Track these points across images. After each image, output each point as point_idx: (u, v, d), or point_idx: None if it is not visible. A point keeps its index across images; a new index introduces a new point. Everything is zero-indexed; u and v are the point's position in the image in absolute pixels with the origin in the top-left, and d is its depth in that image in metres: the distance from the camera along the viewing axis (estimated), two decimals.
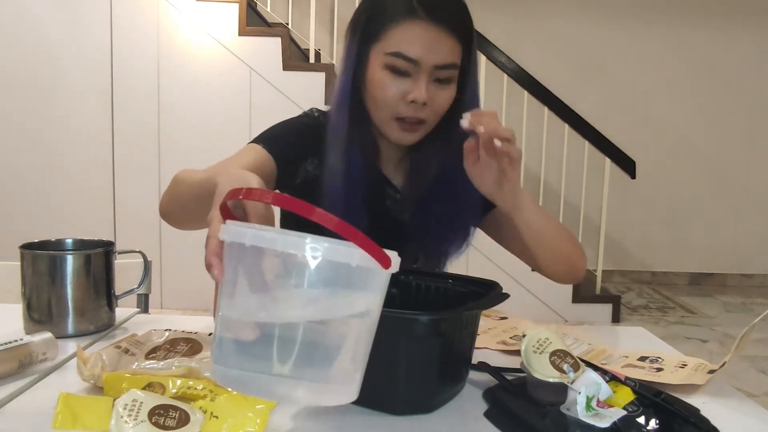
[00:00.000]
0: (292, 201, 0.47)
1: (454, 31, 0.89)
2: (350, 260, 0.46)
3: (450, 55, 0.90)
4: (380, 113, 0.94)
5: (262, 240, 0.46)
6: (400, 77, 0.90)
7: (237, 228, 0.48)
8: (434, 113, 0.93)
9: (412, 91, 0.90)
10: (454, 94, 0.94)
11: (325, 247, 0.45)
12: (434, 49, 0.88)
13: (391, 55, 0.89)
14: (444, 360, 0.66)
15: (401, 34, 0.89)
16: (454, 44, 0.90)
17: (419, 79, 0.89)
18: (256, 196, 0.50)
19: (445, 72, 0.90)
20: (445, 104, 0.93)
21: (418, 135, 0.95)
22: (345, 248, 0.46)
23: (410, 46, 0.88)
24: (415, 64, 0.89)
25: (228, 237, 0.49)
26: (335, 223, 0.45)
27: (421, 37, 0.88)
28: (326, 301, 0.48)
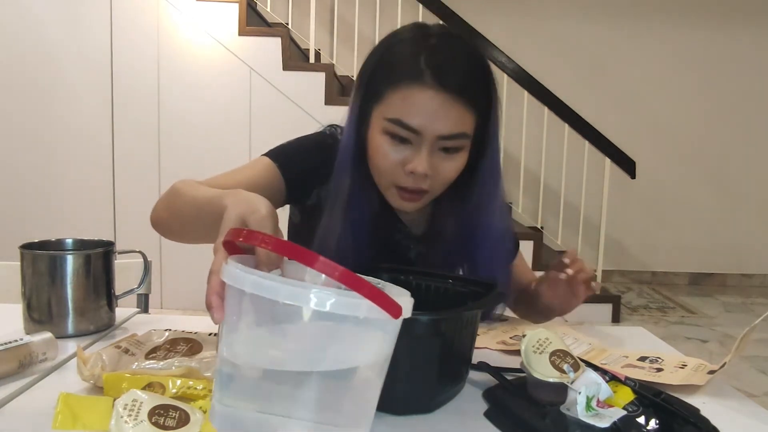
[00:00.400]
0: (293, 249, 0.44)
1: (466, 98, 0.81)
2: (357, 313, 0.43)
3: (458, 125, 0.82)
4: (380, 179, 0.89)
5: (262, 289, 0.43)
6: (400, 144, 0.83)
7: (237, 272, 0.45)
8: (439, 183, 0.87)
9: (411, 161, 0.83)
10: (462, 164, 0.86)
11: (331, 301, 0.42)
12: (439, 119, 0.81)
13: (390, 122, 0.82)
14: (444, 360, 0.66)
15: (403, 99, 0.81)
16: (465, 113, 0.82)
17: (420, 149, 0.82)
18: (257, 240, 0.47)
19: (453, 142, 0.83)
20: (451, 175, 0.86)
21: (419, 204, 0.89)
22: (351, 300, 0.43)
23: (412, 114, 0.81)
24: (416, 133, 0.82)
25: (228, 280, 0.46)
26: (339, 274, 0.43)
27: (425, 105, 0.80)
28: (333, 352, 0.46)
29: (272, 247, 0.46)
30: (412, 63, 0.81)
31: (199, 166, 3.30)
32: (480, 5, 4.30)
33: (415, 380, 0.65)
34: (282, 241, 0.46)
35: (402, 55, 0.83)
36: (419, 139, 0.82)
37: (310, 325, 0.45)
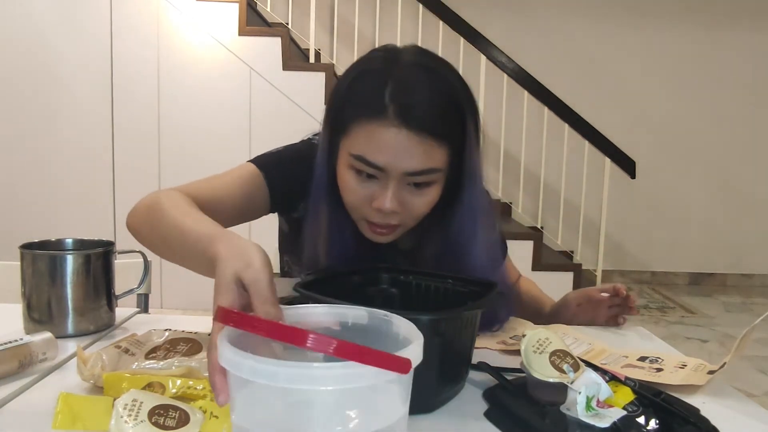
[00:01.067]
0: (284, 332, 0.42)
1: (433, 132, 0.77)
2: (362, 382, 0.41)
3: (426, 161, 0.78)
4: (351, 212, 0.86)
5: (260, 374, 0.41)
6: (366, 180, 0.80)
7: (233, 357, 0.42)
8: (410, 218, 0.84)
9: (378, 197, 0.80)
10: (435, 197, 0.83)
11: (333, 376, 0.41)
12: (405, 156, 0.77)
13: (355, 158, 0.79)
14: (444, 360, 0.66)
15: (367, 136, 0.77)
16: (434, 148, 0.77)
17: (387, 186, 0.79)
18: (249, 327, 0.44)
19: (422, 177, 0.79)
20: (422, 209, 0.83)
21: (392, 237, 0.86)
22: (354, 371, 0.41)
23: (376, 152, 0.77)
24: (381, 170, 0.78)
25: (224, 364, 0.44)
26: (334, 348, 0.40)
27: (389, 142, 0.76)
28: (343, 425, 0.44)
29: (265, 333, 0.43)
30: (377, 97, 0.77)
31: (198, 166, 3.29)
32: (480, 5, 4.30)
33: (415, 380, 0.65)
34: (273, 325, 0.43)
35: (367, 88, 0.80)
36: (385, 175, 0.79)
37: (315, 406, 0.44)
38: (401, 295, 0.83)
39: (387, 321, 0.52)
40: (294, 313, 0.54)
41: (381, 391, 0.45)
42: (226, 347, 0.43)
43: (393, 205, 0.79)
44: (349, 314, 0.54)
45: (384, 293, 0.84)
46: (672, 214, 4.72)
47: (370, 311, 0.53)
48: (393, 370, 0.41)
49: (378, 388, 0.44)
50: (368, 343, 0.41)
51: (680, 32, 4.55)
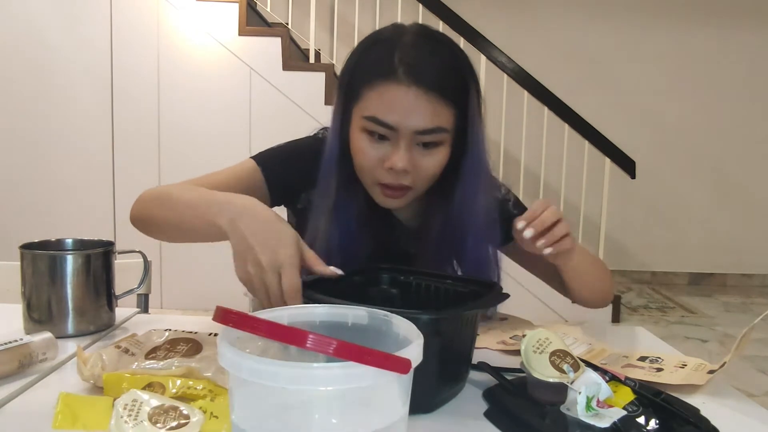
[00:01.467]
0: (282, 332, 0.42)
1: (441, 92, 0.82)
2: (363, 383, 0.41)
3: (434, 120, 0.82)
4: (363, 177, 0.90)
5: (260, 375, 0.41)
6: (378, 141, 0.84)
7: (233, 357, 0.42)
8: (421, 179, 0.87)
9: (390, 157, 0.84)
10: (444, 159, 0.87)
11: (333, 376, 0.41)
12: (414, 114, 0.82)
13: (367, 119, 0.83)
14: (444, 360, 0.66)
15: (378, 96, 0.82)
16: (441, 107, 0.82)
17: (398, 145, 0.83)
18: (247, 327, 0.44)
19: (430, 137, 0.83)
20: (432, 170, 0.87)
21: (403, 200, 0.89)
22: (354, 371, 0.41)
23: (386, 111, 0.82)
24: (392, 129, 0.83)
25: (224, 365, 0.44)
26: (334, 349, 0.40)
27: (400, 101, 0.81)
28: (343, 425, 0.45)
29: (265, 334, 0.43)
30: (387, 61, 0.82)
31: (199, 166, 3.28)
32: (480, 5, 4.30)
33: (416, 380, 0.64)
34: (272, 325, 0.43)
35: (377, 54, 0.85)
36: (396, 135, 0.83)
37: (316, 406, 0.44)
38: (401, 295, 0.83)
39: (387, 321, 0.52)
40: (294, 313, 0.54)
41: (381, 391, 0.45)
42: (227, 348, 0.43)
43: (404, 164, 0.83)
44: (349, 314, 0.54)
45: (384, 293, 0.84)
46: (672, 214, 4.72)
47: (370, 311, 0.53)
48: (393, 370, 0.41)
49: (378, 388, 0.44)
50: (368, 343, 0.41)
51: (680, 32, 4.55)
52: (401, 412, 0.46)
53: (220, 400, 0.61)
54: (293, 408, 0.45)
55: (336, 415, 0.45)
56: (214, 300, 0.53)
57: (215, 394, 0.62)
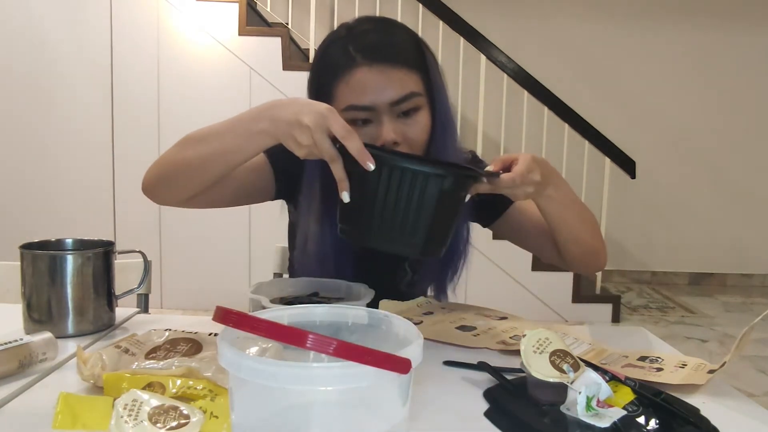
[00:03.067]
0: (282, 332, 0.42)
1: (400, 62, 0.88)
2: (361, 382, 0.41)
3: (404, 87, 0.88)
4: None
5: (260, 375, 0.41)
6: (364, 126, 0.89)
7: (234, 358, 0.43)
8: (413, 148, 0.91)
9: (379, 135, 0.88)
10: (427, 122, 0.91)
11: (333, 376, 0.41)
12: (383, 89, 0.87)
13: (345, 111, 0.88)
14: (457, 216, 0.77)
15: (347, 87, 0.88)
16: (405, 74, 0.88)
17: (382, 122, 0.88)
18: (247, 326, 0.44)
19: (406, 104, 0.88)
20: (420, 134, 0.91)
21: None
22: (354, 371, 0.41)
23: (358, 96, 0.87)
24: (371, 110, 0.87)
25: (224, 365, 0.44)
26: (334, 348, 0.41)
27: (366, 81, 0.87)
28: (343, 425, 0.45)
29: (265, 333, 0.43)
30: (344, 55, 0.89)
31: None
32: (480, 5, 4.30)
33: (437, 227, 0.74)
34: (271, 325, 0.43)
35: (335, 53, 0.91)
36: (376, 114, 0.88)
37: (315, 407, 0.44)
38: None
39: (387, 321, 0.52)
40: (294, 313, 0.54)
41: (381, 391, 0.45)
42: (226, 347, 0.43)
43: (392, 135, 0.87)
44: (349, 314, 0.54)
45: None
46: (672, 214, 4.72)
47: (370, 311, 0.53)
48: (393, 370, 0.41)
49: (378, 388, 0.44)
50: (368, 343, 0.41)
51: (680, 32, 4.55)
52: (401, 413, 0.46)
53: (220, 400, 0.61)
54: (293, 408, 0.45)
55: (336, 415, 0.45)
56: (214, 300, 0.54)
57: (215, 394, 0.62)
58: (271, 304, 0.81)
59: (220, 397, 0.61)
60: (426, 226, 0.73)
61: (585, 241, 0.99)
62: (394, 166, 0.70)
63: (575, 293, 3.57)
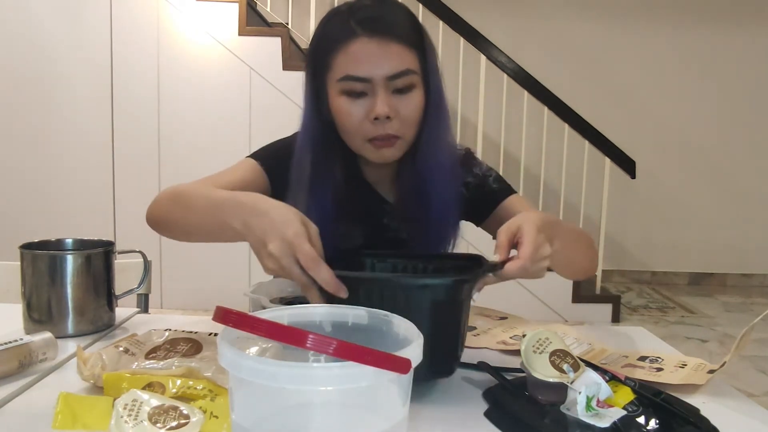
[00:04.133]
0: (283, 332, 0.42)
1: (400, 38, 0.89)
2: (361, 382, 0.41)
3: (401, 63, 0.88)
4: (352, 139, 0.93)
5: (260, 375, 0.41)
6: (358, 99, 0.89)
7: (234, 358, 0.42)
8: (405, 125, 0.91)
9: (372, 108, 0.88)
10: (420, 101, 0.92)
11: (333, 376, 0.41)
12: (381, 62, 0.87)
13: (342, 81, 0.89)
14: (461, 323, 0.70)
15: (346, 57, 0.88)
16: (403, 51, 0.89)
17: (376, 95, 0.88)
18: (247, 326, 0.44)
19: (402, 80, 0.89)
20: (412, 113, 0.91)
21: (396, 150, 0.93)
22: (354, 371, 0.41)
23: (356, 66, 0.88)
24: (366, 81, 0.88)
25: (224, 365, 0.44)
26: (334, 349, 0.40)
27: (365, 53, 0.88)
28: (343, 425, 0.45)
29: (265, 334, 0.43)
30: (345, 26, 0.89)
31: (199, 166, 3.29)
32: (480, 5, 4.30)
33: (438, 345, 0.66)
34: (273, 325, 0.43)
35: (335, 25, 0.91)
36: (371, 86, 0.88)
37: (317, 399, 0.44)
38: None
39: (387, 321, 0.52)
40: (294, 313, 0.54)
41: (381, 392, 0.45)
42: (226, 347, 0.43)
43: (386, 109, 0.88)
44: (349, 314, 0.54)
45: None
46: (672, 214, 4.72)
47: (370, 311, 0.53)
48: (393, 370, 0.41)
49: (378, 388, 0.44)
50: (368, 343, 0.41)
51: (680, 32, 4.55)
52: (402, 413, 0.46)
53: (220, 400, 0.61)
54: (293, 408, 0.45)
55: (336, 415, 0.45)
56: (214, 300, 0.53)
57: (215, 394, 0.62)
58: (271, 304, 0.81)
59: (220, 397, 0.61)
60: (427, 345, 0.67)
61: (582, 265, 1.00)
62: (373, 287, 0.66)
63: (575, 293, 3.57)
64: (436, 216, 0.99)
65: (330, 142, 0.96)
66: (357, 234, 1.02)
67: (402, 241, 1.04)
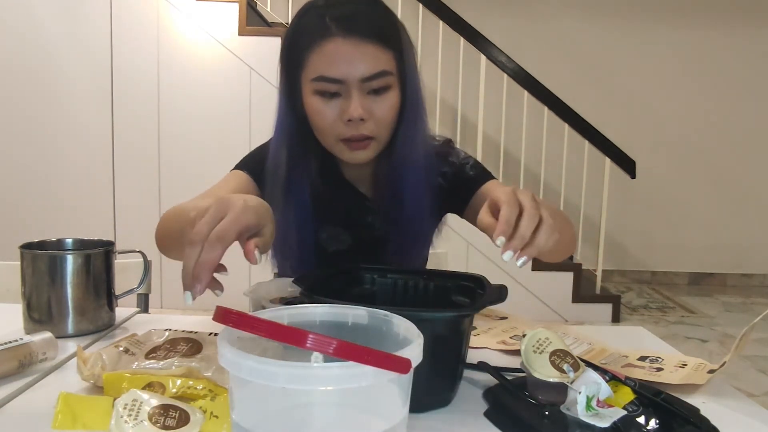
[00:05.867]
0: (282, 332, 0.42)
1: (376, 38, 0.86)
2: (361, 382, 0.41)
3: (376, 65, 0.86)
4: (325, 139, 0.92)
5: (260, 375, 0.41)
6: (331, 99, 0.88)
7: (233, 358, 0.42)
8: (379, 126, 0.90)
9: (346, 109, 0.87)
10: (395, 102, 0.90)
11: (333, 376, 0.41)
12: (356, 63, 0.85)
13: (315, 81, 0.87)
14: (461, 354, 0.68)
15: (319, 56, 0.86)
16: (380, 52, 0.86)
17: (350, 96, 0.86)
18: (247, 326, 0.44)
19: (377, 82, 0.87)
20: (387, 114, 0.90)
21: (370, 151, 0.92)
22: (354, 371, 0.41)
23: (330, 67, 0.86)
24: (340, 83, 0.86)
25: (225, 365, 0.44)
26: (334, 348, 0.40)
27: (339, 53, 0.85)
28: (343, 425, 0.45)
29: (265, 333, 0.43)
30: (320, 23, 0.87)
31: (199, 167, 3.30)
32: (480, 5, 4.30)
33: (436, 376, 0.66)
34: (272, 325, 0.43)
35: (310, 20, 0.89)
36: (346, 87, 0.86)
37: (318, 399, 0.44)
38: (384, 293, 0.83)
39: (387, 321, 0.52)
40: (294, 313, 0.54)
41: (381, 392, 0.45)
42: (226, 348, 0.43)
43: (360, 111, 0.86)
44: (349, 314, 0.54)
45: (367, 292, 0.84)
46: (672, 214, 4.72)
47: (370, 311, 0.53)
48: (393, 370, 0.41)
49: (378, 389, 0.44)
50: (368, 343, 0.41)
51: (680, 32, 4.55)
52: (402, 413, 0.46)
53: (220, 400, 0.61)
54: (294, 408, 0.45)
55: (336, 415, 0.45)
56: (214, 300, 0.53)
57: (215, 394, 0.62)
58: (271, 304, 0.81)
59: (220, 397, 0.61)
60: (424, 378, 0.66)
61: (565, 242, 0.91)
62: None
63: (575, 293, 3.57)
64: (411, 213, 0.98)
65: (305, 139, 0.95)
66: (343, 235, 1.01)
67: (383, 239, 1.03)
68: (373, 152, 0.93)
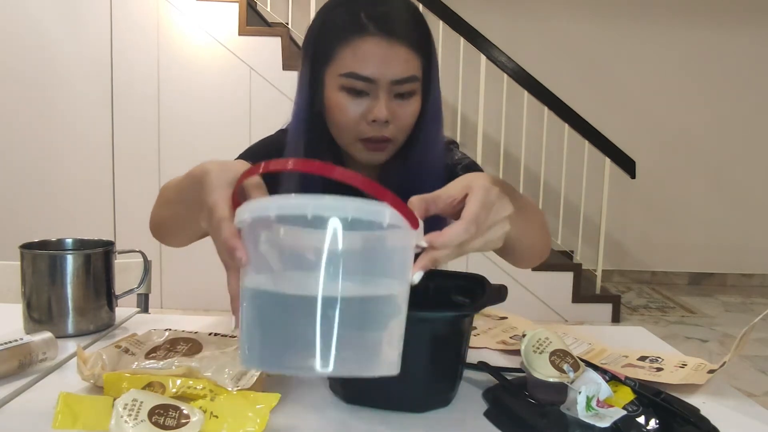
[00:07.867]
0: (311, 163, 0.45)
1: (409, 42, 0.86)
2: (381, 219, 0.44)
3: (407, 69, 0.86)
4: (343, 136, 0.91)
5: (290, 207, 0.43)
6: (358, 97, 0.87)
7: (258, 202, 0.46)
8: (399, 130, 0.90)
9: (372, 110, 0.86)
10: (417, 108, 0.90)
11: (356, 207, 0.43)
12: (389, 65, 0.85)
13: (345, 77, 0.86)
14: (461, 353, 0.68)
15: (353, 53, 0.85)
16: (411, 56, 0.86)
17: (378, 97, 0.86)
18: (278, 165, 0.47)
19: (405, 86, 0.87)
20: (409, 120, 0.90)
21: (385, 154, 0.92)
22: (375, 207, 0.44)
23: (363, 65, 0.85)
24: (371, 82, 0.85)
25: (250, 214, 0.45)
26: (361, 181, 0.44)
27: (374, 53, 0.84)
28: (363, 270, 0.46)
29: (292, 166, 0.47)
30: (355, 19, 0.85)
31: None
32: (480, 5, 4.30)
33: (436, 376, 0.67)
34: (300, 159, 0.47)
35: (343, 15, 0.88)
36: (375, 87, 0.86)
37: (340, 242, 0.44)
38: None
39: None
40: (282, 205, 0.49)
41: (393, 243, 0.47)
42: (248, 202, 0.46)
43: (386, 113, 0.86)
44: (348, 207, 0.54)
45: None
46: (672, 214, 4.72)
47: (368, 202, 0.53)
48: (406, 218, 0.45)
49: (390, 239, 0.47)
50: None
51: (680, 32, 4.55)
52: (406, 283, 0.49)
53: (220, 400, 0.61)
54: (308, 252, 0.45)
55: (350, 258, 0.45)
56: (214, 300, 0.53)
57: (215, 394, 0.62)
58: None
59: (220, 397, 0.61)
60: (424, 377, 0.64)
61: (536, 247, 0.87)
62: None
63: (575, 293, 3.57)
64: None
65: (320, 135, 0.94)
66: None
67: None
68: (387, 155, 0.92)
